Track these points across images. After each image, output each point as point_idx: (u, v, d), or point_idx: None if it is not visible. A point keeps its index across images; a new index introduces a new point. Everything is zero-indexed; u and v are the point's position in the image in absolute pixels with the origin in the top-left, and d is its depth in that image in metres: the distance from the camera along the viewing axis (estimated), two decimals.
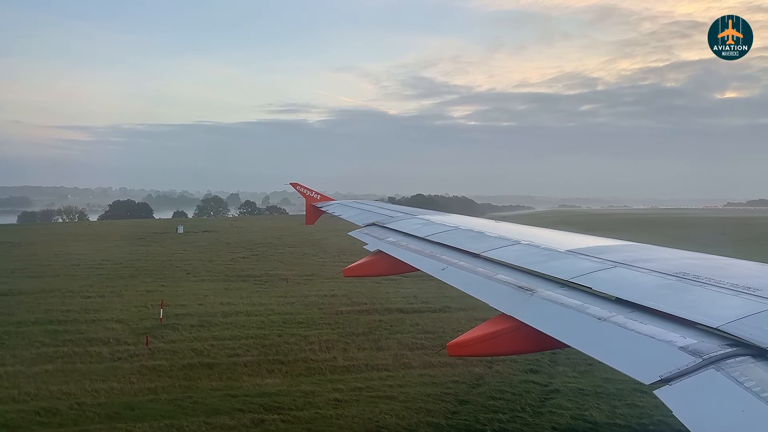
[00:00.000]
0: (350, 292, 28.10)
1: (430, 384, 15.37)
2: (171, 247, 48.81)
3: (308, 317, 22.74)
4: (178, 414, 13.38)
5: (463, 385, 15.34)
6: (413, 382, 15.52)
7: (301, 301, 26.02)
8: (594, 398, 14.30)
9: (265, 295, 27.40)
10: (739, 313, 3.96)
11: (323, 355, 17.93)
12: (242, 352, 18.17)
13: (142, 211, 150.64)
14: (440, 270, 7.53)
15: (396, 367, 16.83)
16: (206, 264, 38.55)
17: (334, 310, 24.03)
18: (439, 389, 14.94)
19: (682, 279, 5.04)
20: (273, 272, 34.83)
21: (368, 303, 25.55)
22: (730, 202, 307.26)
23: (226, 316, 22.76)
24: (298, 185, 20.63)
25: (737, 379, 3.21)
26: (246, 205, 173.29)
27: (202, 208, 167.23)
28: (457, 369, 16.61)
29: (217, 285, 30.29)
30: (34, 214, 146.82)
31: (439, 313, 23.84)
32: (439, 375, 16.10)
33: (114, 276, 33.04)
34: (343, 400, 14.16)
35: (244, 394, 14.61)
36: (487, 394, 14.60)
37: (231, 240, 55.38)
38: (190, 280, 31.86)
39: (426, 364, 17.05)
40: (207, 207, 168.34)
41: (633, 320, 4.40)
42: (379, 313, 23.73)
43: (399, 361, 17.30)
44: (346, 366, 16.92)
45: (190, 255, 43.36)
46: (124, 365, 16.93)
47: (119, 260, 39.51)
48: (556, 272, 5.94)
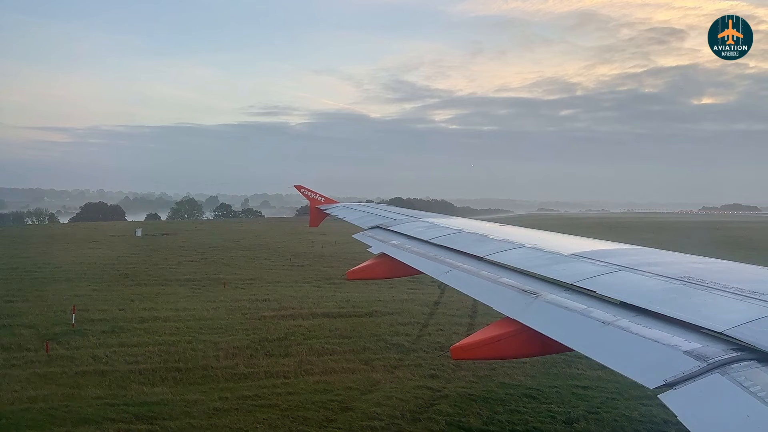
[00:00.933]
0: (284, 297, 27.77)
1: (321, 391, 15.08)
2: (121, 250, 47.99)
3: (228, 323, 22.33)
4: (45, 423, 12.91)
5: (355, 391, 15.07)
6: (306, 390, 15.21)
7: (228, 305, 25.58)
8: (480, 404, 14.12)
9: (195, 300, 26.91)
10: (745, 318, 3.92)
11: (226, 362, 17.53)
12: (143, 359, 17.70)
13: (114, 214, 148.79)
14: (444, 273, 7.51)
15: (296, 374, 16.51)
16: (150, 268, 37.89)
17: (257, 315, 23.64)
18: (328, 396, 14.66)
19: (686, 283, 5.00)
20: (215, 276, 34.31)
21: (297, 308, 25.22)
22: (705, 206, 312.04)
23: (142, 322, 22.25)
24: (302, 188, 20.70)
25: (742, 383, 3.18)
26: (221, 208, 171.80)
27: (176, 210, 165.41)
28: (356, 375, 16.38)
29: (150, 289, 29.71)
30: (7, 217, 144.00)
31: (364, 318, 23.58)
32: (336, 381, 15.83)
33: (49, 280, 32.28)
34: (222, 409, 13.80)
35: (125, 403, 14.17)
36: (374, 401, 14.34)
37: (187, 243, 54.63)
38: (126, 285, 31.21)
39: (327, 371, 16.76)
40: (181, 210, 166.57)
41: (637, 324, 4.36)
42: (303, 317, 23.40)
43: (301, 368, 16.98)
44: (245, 373, 16.55)
45: (137, 259, 42.63)
46: (15, 372, 16.39)
47: (61, 264, 38.67)
48: (561, 276, 5.92)
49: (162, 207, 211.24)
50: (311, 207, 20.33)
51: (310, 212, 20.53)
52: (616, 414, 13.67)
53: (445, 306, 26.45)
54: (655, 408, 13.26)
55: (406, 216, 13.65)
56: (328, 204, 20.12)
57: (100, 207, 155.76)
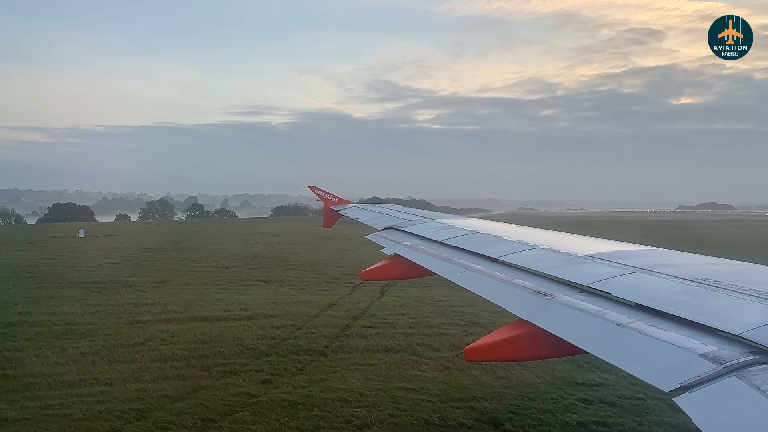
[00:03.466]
0: (176, 300, 27.25)
1: (132, 399, 14.48)
2: (47, 252, 47.13)
3: (94, 328, 21.74)
4: None
5: (167, 399, 14.57)
6: (118, 398, 14.59)
7: (110, 310, 24.97)
8: (297, 409, 13.80)
9: (81, 304, 26.21)
10: (762, 320, 3.86)
11: (61, 369, 16.95)
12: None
13: (83, 214, 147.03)
14: (457, 274, 7.49)
15: (123, 382, 15.91)
16: (64, 270, 37.12)
17: (132, 320, 23.08)
18: (133, 405, 14.09)
19: (703, 285, 4.94)
20: (124, 279, 33.64)
21: (179, 311, 24.70)
22: (682, 205, 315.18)
23: (7, 327, 21.63)
24: (316, 188, 20.52)
25: (759, 387, 3.13)
26: (194, 209, 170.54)
27: (146, 211, 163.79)
28: (183, 382, 15.90)
29: (46, 293, 29.00)
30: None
31: (242, 321, 23.13)
32: (156, 389, 15.25)
33: None
34: (11, 419, 13.24)
35: None
36: (178, 410, 13.86)
37: (124, 245, 53.82)
38: (26, 287, 30.48)
39: (158, 378, 16.23)
40: (152, 210, 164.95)
41: (653, 326, 4.33)
42: (178, 322, 22.90)
43: (134, 375, 16.43)
44: (71, 381, 15.91)
45: (60, 261, 41.82)
46: None
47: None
48: (575, 277, 5.87)
49: (139, 208, 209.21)
50: (325, 208, 20.12)
51: (324, 213, 20.41)
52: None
53: (337, 308, 26.12)
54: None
55: (420, 217, 13.59)
56: (342, 205, 19.84)
57: (69, 208, 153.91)
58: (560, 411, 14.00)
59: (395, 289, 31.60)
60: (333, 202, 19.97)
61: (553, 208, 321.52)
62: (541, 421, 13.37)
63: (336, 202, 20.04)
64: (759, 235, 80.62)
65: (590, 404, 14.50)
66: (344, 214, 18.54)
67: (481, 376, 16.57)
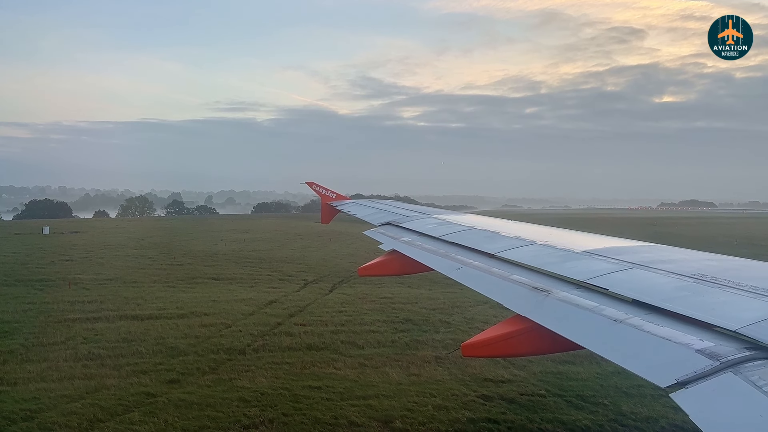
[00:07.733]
0: (116, 298, 26.99)
1: (25, 400, 14.29)
2: (7, 248, 46.52)
3: (20, 326, 21.43)
4: None
5: (63, 399, 14.38)
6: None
7: (44, 308, 24.65)
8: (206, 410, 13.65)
9: (18, 302, 25.84)
10: (759, 316, 3.86)
11: None
12: None
13: (60, 211, 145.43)
14: (454, 270, 7.42)
15: (26, 382, 15.63)
16: (15, 268, 36.62)
17: (61, 318, 22.80)
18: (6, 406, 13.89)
19: (699, 281, 4.93)
20: (72, 276, 33.27)
21: (114, 310, 24.45)
22: (663, 202, 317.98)
23: None
24: (314, 184, 20.41)
25: (756, 383, 3.13)
26: (173, 205, 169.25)
27: (125, 207, 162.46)
28: (76, 382, 15.60)
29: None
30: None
31: (173, 320, 22.93)
32: (48, 389, 14.93)
33: None
34: None
35: None
36: (68, 410, 13.72)
37: (84, 242, 53.26)
38: None
39: (42, 378, 15.77)
40: (131, 207, 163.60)
41: (650, 322, 4.33)
42: (109, 320, 22.66)
43: (40, 375, 16.19)
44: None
45: (12, 258, 41.33)
46: None
47: None
48: (572, 273, 5.87)
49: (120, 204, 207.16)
50: (323, 203, 19.98)
51: (321, 209, 20.28)
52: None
53: (276, 305, 26.04)
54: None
55: (417, 213, 13.52)
56: (340, 200, 19.70)
57: (45, 204, 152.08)
58: (456, 408, 14.00)
59: (345, 287, 31.61)
60: (330, 198, 19.88)
61: (537, 206, 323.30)
62: (433, 419, 13.36)
63: (333, 198, 19.96)
64: (732, 233, 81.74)
65: (489, 401, 14.53)
66: (342, 210, 18.36)
67: (393, 374, 16.58)
